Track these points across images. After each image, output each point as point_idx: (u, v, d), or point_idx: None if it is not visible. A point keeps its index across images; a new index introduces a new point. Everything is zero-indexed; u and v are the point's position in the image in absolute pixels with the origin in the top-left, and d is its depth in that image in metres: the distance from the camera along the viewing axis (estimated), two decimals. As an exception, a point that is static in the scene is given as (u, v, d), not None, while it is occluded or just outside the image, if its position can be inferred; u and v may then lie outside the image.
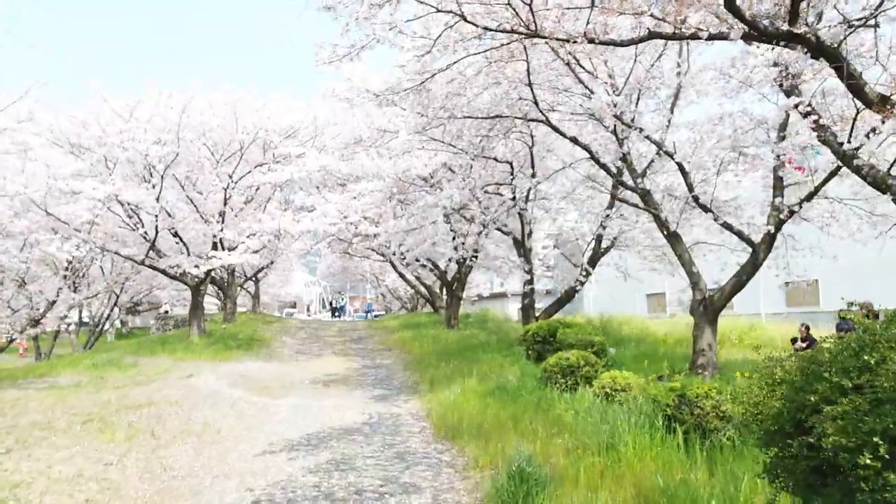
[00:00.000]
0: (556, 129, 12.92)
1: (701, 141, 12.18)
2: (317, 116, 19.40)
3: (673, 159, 12.28)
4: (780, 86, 10.32)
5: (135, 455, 8.11)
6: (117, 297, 35.50)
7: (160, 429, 9.50)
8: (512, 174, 16.95)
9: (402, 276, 32.47)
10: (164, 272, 19.53)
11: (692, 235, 17.46)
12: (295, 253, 36.94)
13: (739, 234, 12.46)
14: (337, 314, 46.35)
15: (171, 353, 17.71)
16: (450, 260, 26.77)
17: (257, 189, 19.59)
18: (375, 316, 50.69)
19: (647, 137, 12.37)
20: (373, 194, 17.58)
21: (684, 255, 13.24)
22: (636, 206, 13.30)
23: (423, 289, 31.99)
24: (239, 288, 35.48)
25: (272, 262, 32.04)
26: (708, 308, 12.84)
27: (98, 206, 16.17)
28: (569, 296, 18.79)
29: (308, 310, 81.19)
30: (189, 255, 19.23)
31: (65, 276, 26.27)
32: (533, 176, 16.70)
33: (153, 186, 16.99)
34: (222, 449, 8.44)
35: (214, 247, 18.89)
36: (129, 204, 17.38)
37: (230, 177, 18.06)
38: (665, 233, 13.38)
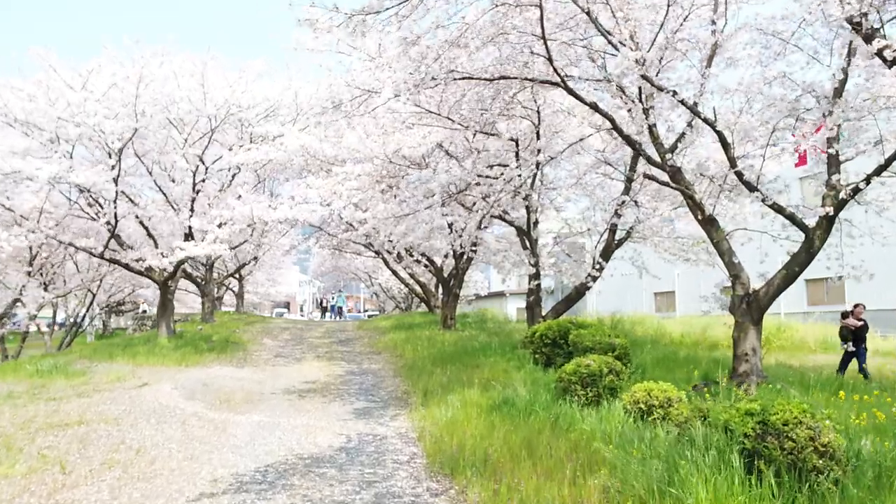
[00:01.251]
0: (572, 93, 10.92)
1: (748, 105, 10.18)
2: (298, 93, 17.33)
3: (714, 128, 10.28)
4: (853, 26, 8.32)
5: (25, 500, 6.07)
6: (94, 295, 33.52)
7: (77, 458, 7.45)
8: (517, 154, 14.94)
9: (395, 273, 30.45)
10: (127, 266, 17.47)
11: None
12: (281, 249, 34.88)
13: (791, 218, 10.47)
14: (331, 314, 44.16)
15: (132, 358, 15.65)
16: (446, 256, 24.80)
17: (234, 175, 17.52)
18: (369, 315, 48.68)
19: (682, 102, 10.36)
20: (359, 178, 15.54)
21: (722, 242, 11.24)
22: (666, 184, 11.28)
23: (417, 287, 29.99)
24: (222, 286, 33.42)
25: (256, 259, 29.99)
26: (752, 305, 10.86)
27: (46, 190, 14.10)
28: (579, 293, 16.79)
29: (301, 310, 79.12)
30: (157, 247, 17.17)
31: (29, 273, 24.23)
32: (538, 154, 14.71)
33: (112, 168, 14.92)
34: (148, 490, 6.39)
35: (186, 238, 16.83)
36: (82, 187, 15.32)
37: (200, 159, 16.00)
38: (699, 217, 11.38)
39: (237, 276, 32.43)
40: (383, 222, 13.83)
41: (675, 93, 10.33)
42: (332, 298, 45.41)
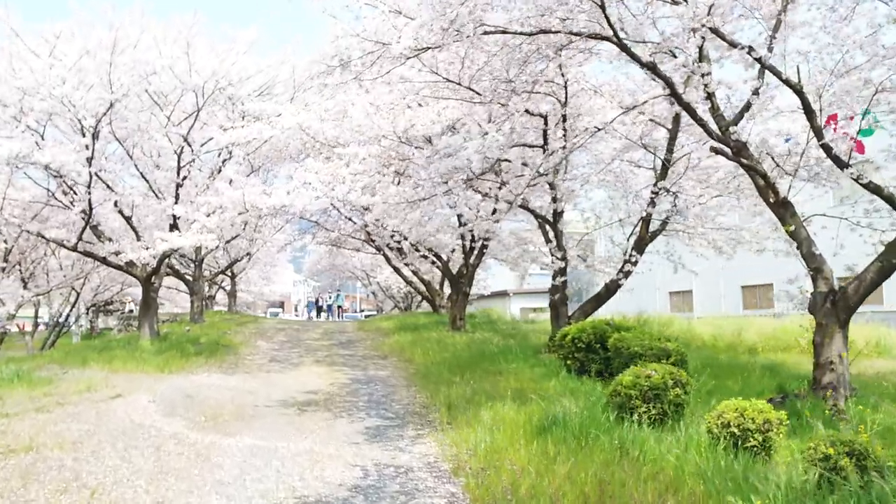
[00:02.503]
0: (625, 49, 9.16)
1: (842, 64, 8.46)
2: (295, 68, 15.53)
3: (799, 92, 8.57)
4: None
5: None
6: (78, 294, 31.68)
7: (10, 502, 5.67)
8: (546, 134, 13.22)
9: (397, 270, 28.66)
10: (104, 261, 15.65)
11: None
12: (276, 245, 33.04)
13: (890, 200, 8.76)
14: (327, 314, 42.29)
15: (107, 363, 13.83)
16: (452, 251, 23.05)
17: (224, 161, 15.70)
18: (366, 315, 46.89)
19: (759, 60, 8.64)
20: (365, 161, 13.77)
21: (800, 230, 9.52)
22: (739, 161, 9.53)
23: (421, 285, 28.22)
24: (214, 284, 31.60)
25: (250, 255, 28.17)
26: (838, 304, 9.13)
27: (7, 172, 12.28)
28: (609, 290, 15.04)
29: (296, 310, 77.16)
30: (139, 238, 15.35)
31: (3, 269, 22.41)
32: (564, 137, 12.98)
33: (86, 147, 13.10)
34: (96, 556, 4.62)
35: (172, 229, 14.99)
36: (51, 170, 13.50)
37: (185, 140, 14.18)
38: (771, 200, 9.66)
39: (229, 273, 30.57)
40: (395, 208, 12.04)
41: (750, 48, 8.62)
42: (329, 297, 43.52)
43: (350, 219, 25.84)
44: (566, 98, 13.31)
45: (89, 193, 13.90)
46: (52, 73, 11.90)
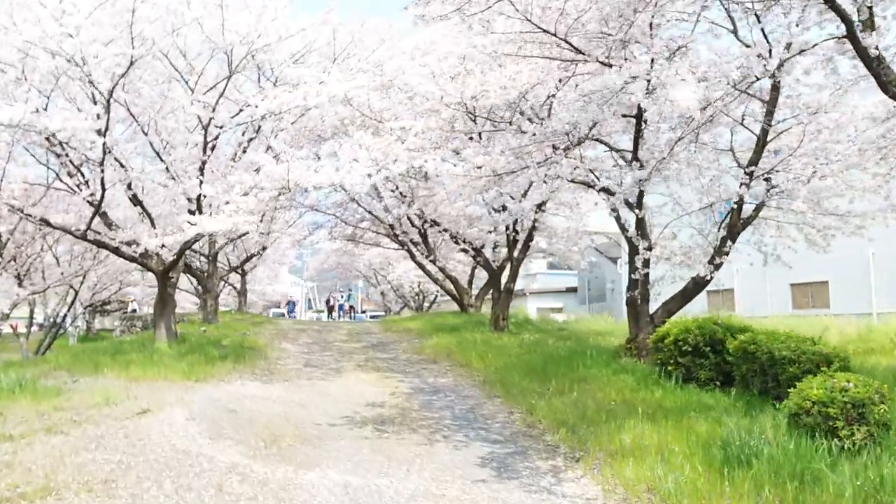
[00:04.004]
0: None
1: None
2: (336, 30, 13.58)
3: None
4: None
5: None
6: (76, 292, 29.64)
7: None
8: (640, 109, 11.31)
9: (421, 266, 26.67)
10: (116, 251, 13.65)
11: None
12: (288, 241, 31.08)
13: None
14: (338, 314, 40.26)
15: (124, 369, 11.84)
16: (495, 246, 21.15)
17: (251, 139, 13.67)
18: (371, 316, 44.89)
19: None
20: (423, 136, 11.85)
21: None
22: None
23: (448, 283, 26.26)
24: (222, 281, 29.57)
25: (264, 250, 26.19)
26: None
27: (7, 144, 10.30)
28: (698, 285, 13.14)
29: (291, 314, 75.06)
30: (154, 226, 13.36)
31: (-4, 264, 20.41)
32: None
33: (97, 117, 11.11)
34: None
35: (193, 213, 12.91)
36: (59, 142, 11.51)
37: (213, 110, 12.19)
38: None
39: (241, 270, 28.53)
40: (473, 183, 10.07)
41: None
42: (340, 297, 41.50)
43: (386, 209, 23.90)
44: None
45: (102, 171, 11.89)
46: (62, 24, 9.91)
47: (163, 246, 12.59)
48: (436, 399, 10.04)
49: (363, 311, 64.50)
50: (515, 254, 18.89)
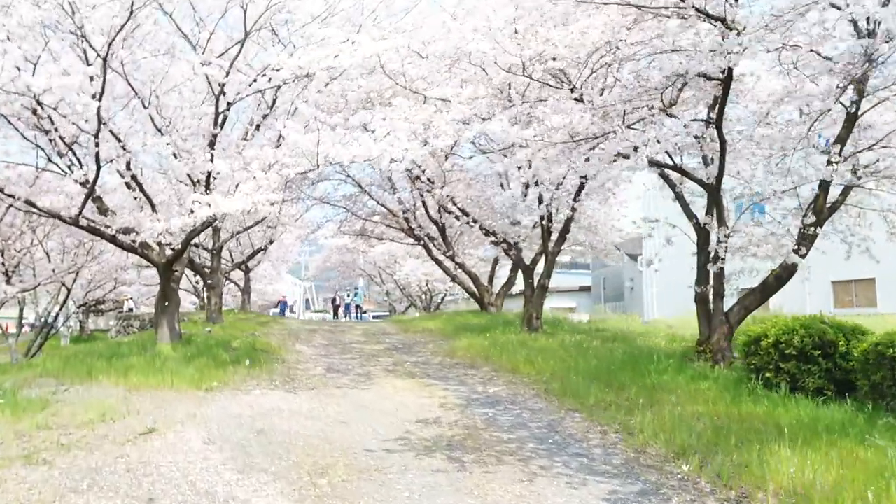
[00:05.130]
0: None
1: None
2: (366, -11, 11.87)
3: None
4: None
5: None
6: (68, 290, 27.89)
7: None
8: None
9: (438, 263, 24.99)
10: (113, 240, 11.93)
11: None
12: (293, 235, 29.35)
13: None
14: (345, 314, 38.47)
15: (122, 375, 10.12)
16: (521, 240, 19.38)
17: (273, 103, 11.90)
18: (374, 317, 43.12)
19: None
20: (472, 104, 10.17)
21: None
22: None
23: (468, 280, 24.57)
24: (225, 279, 27.79)
25: (271, 244, 24.45)
26: None
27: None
28: (780, 278, 11.48)
29: (292, 310, 73.28)
30: (154, 210, 11.64)
31: (-18, 259, 18.74)
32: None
33: (90, 80, 9.37)
34: None
35: (207, 187, 11.05)
36: (44, 111, 9.78)
37: (227, 75, 10.46)
38: None
39: (244, 267, 26.75)
40: (545, 152, 8.34)
41: None
42: (347, 296, 39.70)
43: (399, 201, 22.25)
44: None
45: (97, 145, 10.16)
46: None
47: (167, 232, 10.85)
48: (499, 413, 8.34)
49: (364, 312, 62.67)
50: (551, 246, 17.22)
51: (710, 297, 11.75)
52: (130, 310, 29.76)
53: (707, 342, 11.64)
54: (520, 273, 25.20)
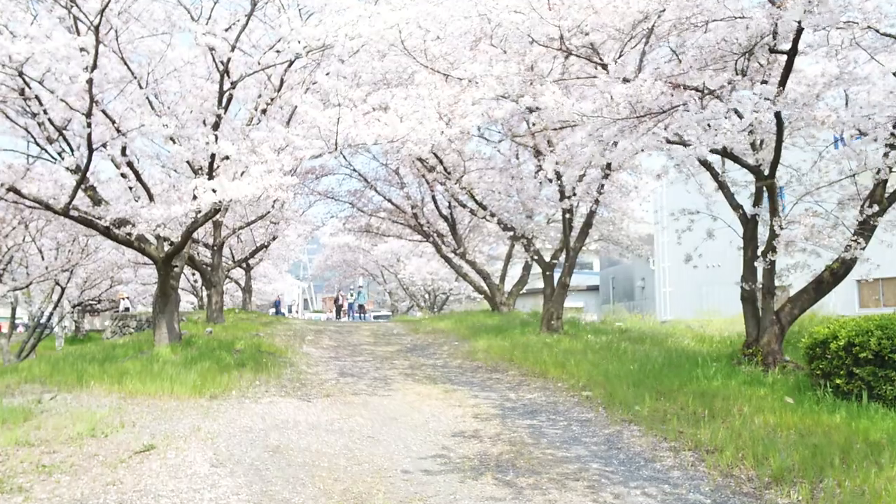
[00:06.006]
0: None
1: None
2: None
3: None
4: None
5: None
6: (62, 289, 26.92)
7: None
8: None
9: (447, 260, 24.01)
10: (107, 233, 10.90)
11: None
12: (296, 232, 28.31)
13: None
14: (348, 315, 37.42)
15: (116, 381, 9.13)
16: (535, 237, 18.34)
17: (280, 86, 10.87)
18: (376, 317, 42.07)
19: None
20: (503, 82, 9.17)
21: None
22: None
23: (479, 279, 23.60)
24: (226, 277, 26.78)
25: (273, 240, 23.44)
26: None
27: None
28: (835, 276, 10.52)
29: (290, 310, 72.25)
30: (151, 199, 10.64)
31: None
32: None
33: (80, 51, 8.37)
34: None
35: (210, 173, 10.00)
36: (31, 88, 8.78)
37: (233, 49, 9.46)
38: None
39: (245, 265, 25.71)
40: (602, 131, 7.31)
41: None
42: (350, 296, 38.61)
43: (407, 196, 21.25)
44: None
45: (88, 126, 9.15)
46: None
47: (164, 226, 9.85)
48: (544, 425, 7.35)
49: (365, 312, 61.56)
50: (572, 242, 16.23)
51: (760, 295, 10.79)
52: (126, 309, 28.70)
53: (756, 344, 10.68)
54: (531, 272, 24.38)
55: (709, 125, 8.31)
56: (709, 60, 7.11)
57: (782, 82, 8.97)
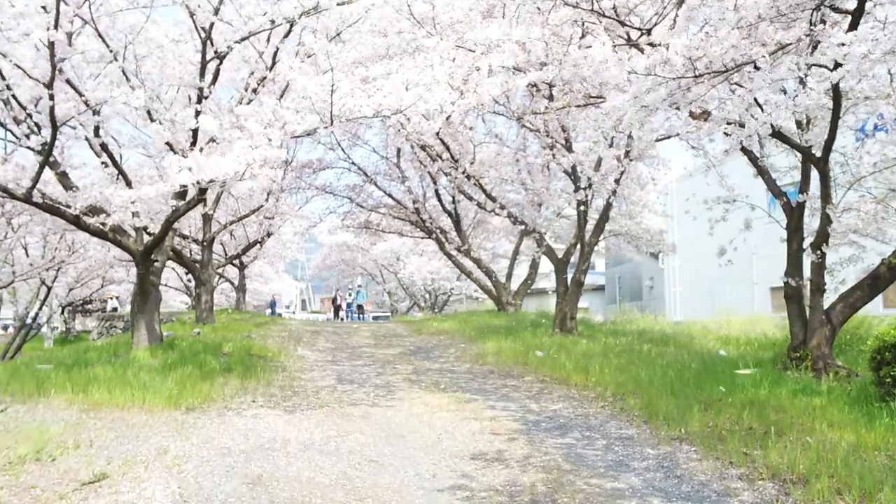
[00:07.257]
0: None
1: None
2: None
3: None
4: None
5: None
6: (49, 288, 25.80)
7: None
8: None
9: (450, 258, 22.85)
10: (77, 223, 9.73)
11: None
12: (292, 227, 27.11)
13: None
14: (347, 315, 36.27)
15: (82, 389, 7.96)
16: (542, 234, 17.17)
17: (272, 63, 9.71)
18: (375, 318, 40.93)
19: None
20: (527, 47, 8.05)
21: None
22: None
23: (485, 278, 22.45)
24: (218, 275, 25.63)
25: (268, 236, 22.26)
26: None
27: None
28: (893, 271, 9.36)
29: (287, 308, 71.11)
30: (129, 186, 9.47)
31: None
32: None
33: (43, 9, 7.21)
34: None
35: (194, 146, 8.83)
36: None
37: (216, 12, 8.32)
38: None
39: (239, 262, 24.51)
40: (652, 95, 6.16)
41: None
42: (348, 296, 37.41)
43: (409, 191, 20.09)
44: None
45: (51, 98, 8.00)
46: None
47: (137, 212, 8.69)
48: (579, 445, 6.19)
49: (364, 312, 60.40)
50: (587, 237, 15.09)
51: (807, 293, 9.64)
52: (115, 309, 27.51)
53: (803, 346, 9.52)
54: (538, 270, 23.24)
55: (759, 104, 7.15)
56: (783, 9, 5.93)
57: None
